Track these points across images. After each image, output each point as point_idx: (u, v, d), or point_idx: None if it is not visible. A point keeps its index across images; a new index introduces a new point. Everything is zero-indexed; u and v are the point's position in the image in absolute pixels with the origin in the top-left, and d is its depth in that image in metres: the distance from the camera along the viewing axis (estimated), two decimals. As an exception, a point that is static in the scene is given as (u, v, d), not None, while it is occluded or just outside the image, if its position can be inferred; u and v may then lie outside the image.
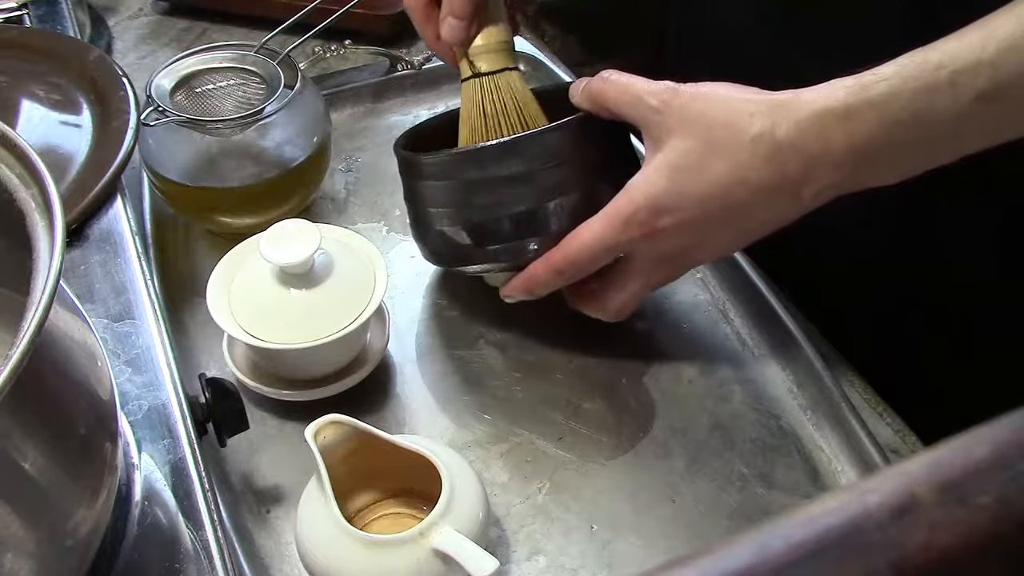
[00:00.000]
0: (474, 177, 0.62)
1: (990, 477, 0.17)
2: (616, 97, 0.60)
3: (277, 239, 0.64)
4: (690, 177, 0.57)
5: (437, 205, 0.64)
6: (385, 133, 0.89)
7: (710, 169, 0.56)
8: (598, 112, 0.62)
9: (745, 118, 0.55)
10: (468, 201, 0.63)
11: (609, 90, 0.60)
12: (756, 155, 0.55)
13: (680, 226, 0.58)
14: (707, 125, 0.56)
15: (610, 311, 0.65)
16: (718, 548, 0.17)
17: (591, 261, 0.61)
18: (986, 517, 0.17)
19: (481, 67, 0.66)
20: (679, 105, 0.57)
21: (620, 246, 0.60)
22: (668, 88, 0.58)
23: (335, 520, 0.54)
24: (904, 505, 0.17)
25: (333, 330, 0.63)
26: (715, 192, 0.56)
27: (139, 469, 0.51)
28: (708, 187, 0.57)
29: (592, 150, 0.62)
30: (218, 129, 0.74)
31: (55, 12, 0.89)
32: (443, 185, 0.63)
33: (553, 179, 0.61)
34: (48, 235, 0.38)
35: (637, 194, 0.58)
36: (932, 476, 0.17)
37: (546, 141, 0.61)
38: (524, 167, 0.61)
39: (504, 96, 0.66)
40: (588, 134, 0.62)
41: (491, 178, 0.61)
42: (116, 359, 0.57)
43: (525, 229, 0.62)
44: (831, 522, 0.17)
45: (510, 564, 0.60)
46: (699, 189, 0.57)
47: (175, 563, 0.48)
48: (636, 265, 0.62)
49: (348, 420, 0.58)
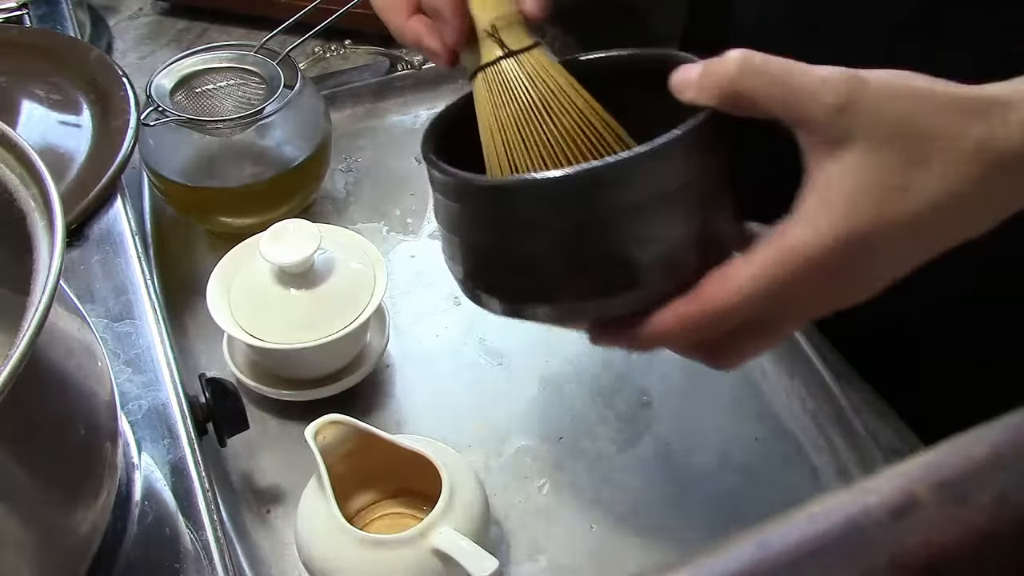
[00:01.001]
0: (573, 211, 0.44)
1: (988, 477, 0.17)
2: (766, 90, 0.44)
3: (277, 239, 0.64)
4: (898, 200, 0.43)
5: (514, 242, 0.47)
6: (385, 133, 0.89)
7: (922, 188, 0.43)
8: (730, 109, 0.45)
9: (958, 120, 0.43)
10: (560, 242, 0.45)
11: (753, 81, 0.44)
12: (978, 165, 0.43)
13: (881, 262, 0.45)
14: (913, 129, 0.43)
15: (722, 367, 0.50)
16: (718, 548, 0.17)
17: (741, 312, 0.45)
18: (984, 516, 0.17)
19: (508, 44, 0.50)
20: (871, 102, 0.43)
21: (785, 292, 0.44)
22: (851, 78, 0.43)
23: (335, 520, 0.54)
24: (904, 505, 0.17)
25: (333, 330, 0.63)
26: (929, 216, 0.43)
27: (139, 469, 0.51)
28: (921, 211, 0.43)
29: (719, 164, 0.47)
30: (218, 129, 0.74)
31: (55, 12, 0.89)
32: (521, 219, 0.46)
33: (685, 205, 0.45)
34: (48, 235, 0.38)
35: (824, 225, 0.43)
36: (931, 476, 0.17)
37: (671, 156, 0.44)
38: (645, 193, 0.44)
39: (545, 83, 0.50)
40: (714, 143, 0.46)
41: (598, 211, 0.44)
42: (116, 359, 0.57)
43: (644, 274, 0.45)
44: (831, 522, 0.17)
45: (510, 564, 0.60)
46: (909, 216, 0.43)
47: (175, 563, 0.48)
48: (788, 312, 0.47)
49: (348, 420, 0.58)
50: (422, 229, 0.81)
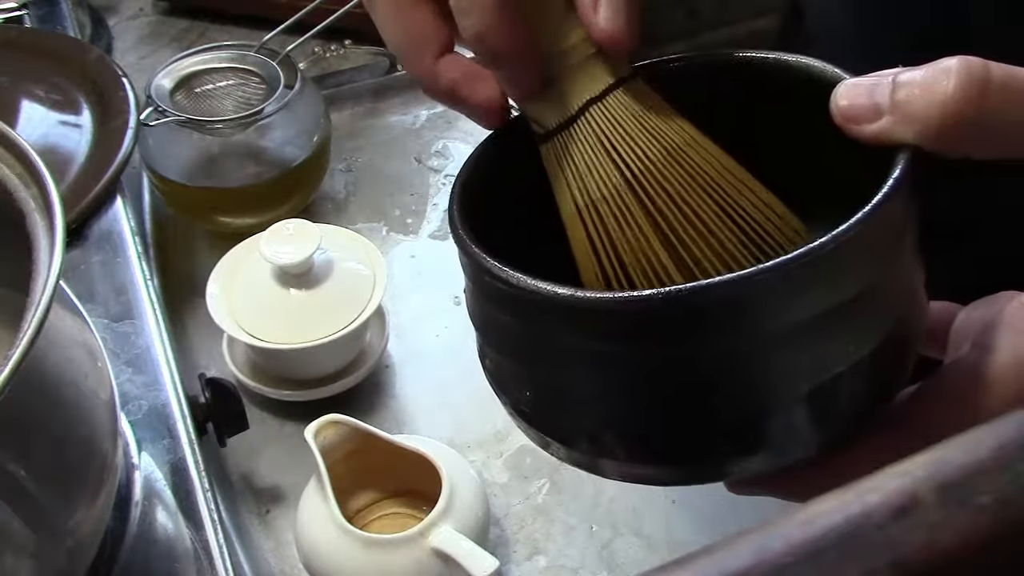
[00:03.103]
0: (724, 339, 0.30)
1: (991, 477, 0.17)
2: (1017, 116, 0.30)
3: (277, 239, 0.64)
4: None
5: (623, 381, 0.32)
6: (385, 133, 0.89)
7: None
8: (943, 148, 0.30)
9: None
10: (698, 382, 0.31)
11: (991, 102, 0.29)
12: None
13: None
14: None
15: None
16: (718, 548, 0.17)
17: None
18: (986, 518, 0.17)
19: (587, 92, 0.34)
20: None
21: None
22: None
23: (335, 520, 0.54)
24: (904, 505, 0.17)
25: (333, 330, 0.63)
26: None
27: (139, 469, 0.51)
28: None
29: (916, 240, 0.33)
30: (218, 129, 0.74)
31: (55, 12, 0.89)
32: (629, 356, 0.31)
33: (867, 312, 0.31)
34: (48, 235, 0.38)
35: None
36: (932, 476, 0.17)
37: (862, 243, 0.29)
38: (824, 303, 0.30)
39: (642, 140, 0.34)
40: (911, 208, 0.32)
41: (756, 337, 0.30)
42: (116, 359, 0.57)
43: (818, 421, 0.32)
44: (831, 522, 0.17)
45: (510, 564, 0.60)
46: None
47: (175, 563, 0.48)
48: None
49: (348, 420, 0.58)
50: (422, 229, 0.81)
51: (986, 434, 0.18)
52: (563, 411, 0.34)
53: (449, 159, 0.86)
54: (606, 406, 0.32)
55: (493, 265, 0.32)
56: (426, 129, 0.89)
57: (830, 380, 0.31)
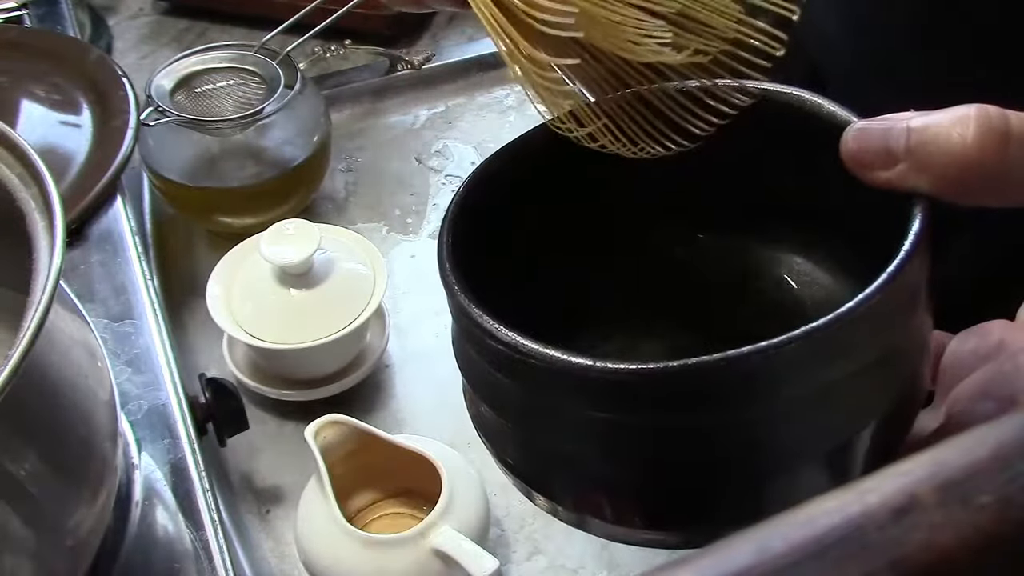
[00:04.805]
0: (721, 414, 0.29)
1: (991, 477, 0.17)
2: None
3: (277, 239, 0.64)
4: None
5: (632, 449, 0.30)
6: (385, 133, 0.89)
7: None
8: (958, 197, 0.30)
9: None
10: (710, 448, 0.29)
11: (1010, 154, 0.28)
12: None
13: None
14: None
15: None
16: (718, 549, 0.17)
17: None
18: (987, 518, 0.17)
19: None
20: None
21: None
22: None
23: (335, 520, 0.54)
24: (904, 505, 0.17)
25: (333, 330, 0.63)
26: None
27: (139, 469, 0.51)
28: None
29: (928, 292, 0.31)
30: (218, 129, 0.74)
31: (55, 12, 0.89)
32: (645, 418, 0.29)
33: (884, 375, 0.30)
34: (48, 235, 0.38)
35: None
36: (932, 476, 0.17)
37: (887, 302, 0.28)
38: (838, 368, 0.28)
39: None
40: (927, 261, 0.30)
41: (773, 403, 0.29)
42: (116, 359, 0.57)
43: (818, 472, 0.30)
44: (831, 522, 0.17)
45: (510, 564, 0.60)
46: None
47: (175, 563, 0.48)
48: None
49: (348, 420, 0.58)
50: (422, 229, 0.81)
51: (986, 434, 0.18)
52: (552, 470, 0.33)
53: (449, 159, 0.86)
54: (600, 470, 0.31)
55: (489, 323, 0.30)
56: (426, 129, 0.89)
57: (838, 447, 0.30)
